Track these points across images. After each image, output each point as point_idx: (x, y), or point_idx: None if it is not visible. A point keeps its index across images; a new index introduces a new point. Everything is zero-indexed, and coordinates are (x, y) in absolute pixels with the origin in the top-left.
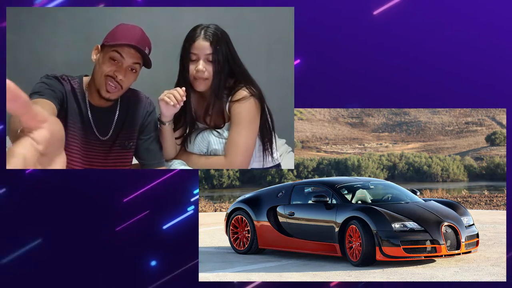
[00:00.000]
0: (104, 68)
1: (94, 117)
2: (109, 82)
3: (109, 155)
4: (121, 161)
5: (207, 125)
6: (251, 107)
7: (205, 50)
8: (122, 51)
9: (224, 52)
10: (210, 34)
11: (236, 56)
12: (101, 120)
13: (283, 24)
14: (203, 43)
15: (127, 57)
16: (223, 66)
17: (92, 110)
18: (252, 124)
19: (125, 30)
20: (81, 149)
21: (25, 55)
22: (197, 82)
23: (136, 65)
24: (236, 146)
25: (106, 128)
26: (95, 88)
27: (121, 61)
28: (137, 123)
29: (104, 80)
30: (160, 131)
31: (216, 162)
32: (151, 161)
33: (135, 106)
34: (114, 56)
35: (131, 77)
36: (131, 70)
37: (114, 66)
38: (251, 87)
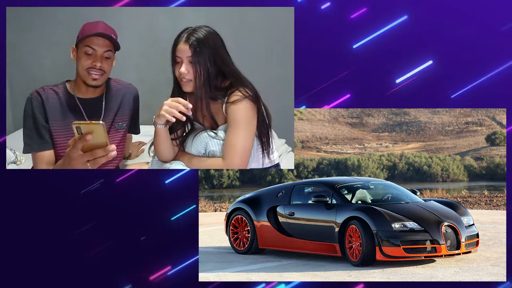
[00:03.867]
0: (82, 63)
1: (85, 108)
2: (91, 72)
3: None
4: (116, 143)
5: (203, 125)
6: (246, 109)
7: (186, 52)
8: (92, 44)
9: (206, 54)
10: (191, 37)
11: (225, 57)
12: (92, 109)
13: (283, 24)
14: (183, 46)
15: (98, 47)
16: (205, 67)
17: (82, 102)
18: (248, 126)
19: (89, 25)
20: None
21: (25, 55)
22: (182, 83)
23: (109, 52)
24: (233, 148)
25: (98, 116)
26: (81, 82)
27: (94, 52)
28: (127, 107)
29: (86, 73)
30: (155, 133)
31: (214, 164)
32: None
33: (120, 91)
34: (87, 50)
35: (108, 64)
36: (106, 58)
37: (90, 59)
38: (245, 89)
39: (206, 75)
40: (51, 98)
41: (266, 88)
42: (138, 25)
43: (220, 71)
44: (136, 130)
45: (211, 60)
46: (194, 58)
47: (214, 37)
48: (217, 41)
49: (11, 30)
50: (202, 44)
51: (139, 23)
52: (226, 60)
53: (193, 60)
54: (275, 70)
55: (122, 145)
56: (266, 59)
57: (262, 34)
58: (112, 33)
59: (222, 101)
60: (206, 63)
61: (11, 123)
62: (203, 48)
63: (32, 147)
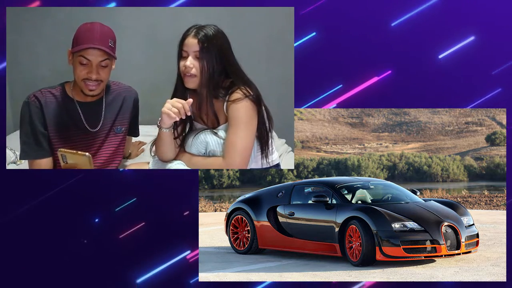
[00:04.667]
0: (78, 73)
1: (84, 111)
2: (87, 83)
3: (103, 144)
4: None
5: (205, 124)
6: (246, 108)
7: (193, 47)
8: (86, 55)
9: (213, 51)
10: (200, 33)
11: (230, 57)
12: (92, 113)
13: (283, 24)
14: (191, 40)
15: (93, 57)
16: (211, 63)
17: (81, 106)
18: (249, 125)
19: (85, 32)
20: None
21: (25, 55)
22: (186, 78)
23: (105, 61)
24: (233, 147)
25: (97, 120)
26: (79, 89)
27: (89, 63)
28: (126, 111)
29: (83, 83)
30: (159, 136)
31: (214, 163)
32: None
33: (121, 95)
34: (81, 61)
35: (106, 72)
36: (102, 67)
37: (85, 69)
38: (247, 88)
39: (211, 71)
40: (50, 102)
41: (266, 88)
42: (138, 25)
43: (224, 70)
44: (136, 133)
45: (217, 57)
46: (201, 53)
47: (222, 36)
48: (224, 41)
49: (11, 30)
50: (210, 41)
51: (139, 23)
52: (231, 59)
53: (199, 55)
54: (275, 70)
55: (121, 148)
56: (266, 59)
57: (262, 34)
58: (109, 38)
59: (224, 100)
60: (212, 59)
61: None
62: (210, 45)
63: (29, 154)
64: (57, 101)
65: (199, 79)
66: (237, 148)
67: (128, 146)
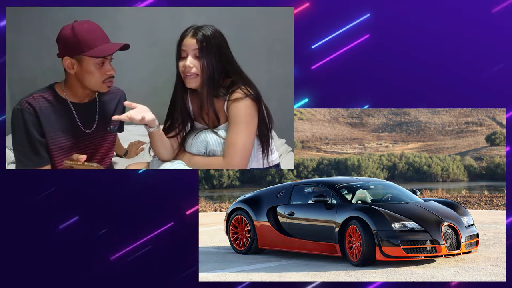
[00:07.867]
0: (96, 76)
1: (78, 113)
2: (107, 81)
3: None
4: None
5: (205, 124)
6: (247, 108)
7: (192, 46)
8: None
9: (212, 50)
10: (198, 33)
11: (229, 56)
12: (87, 114)
13: (283, 24)
14: (190, 40)
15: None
16: (211, 62)
17: (76, 107)
18: (249, 125)
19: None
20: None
21: (25, 55)
22: (187, 78)
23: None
24: (234, 146)
25: (92, 121)
26: (80, 87)
27: (105, 61)
28: (119, 110)
29: (103, 85)
30: (149, 137)
31: (214, 163)
32: None
33: (117, 95)
34: (98, 62)
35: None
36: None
37: (101, 69)
38: (247, 88)
39: (211, 70)
40: (44, 108)
41: (267, 88)
42: (138, 25)
43: (223, 69)
44: (122, 130)
45: (217, 56)
46: (200, 52)
47: (220, 36)
48: (223, 40)
49: (11, 30)
50: (209, 40)
51: (139, 23)
52: (230, 58)
53: (199, 55)
54: (275, 70)
55: (113, 146)
56: (267, 59)
57: (262, 34)
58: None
59: (224, 99)
60: (212, 58)
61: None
62: (209, 44)
63: (26, 164)
64: (51, 105)
65: (200, 79)
66: (237, 148)
67: (119, 143)
